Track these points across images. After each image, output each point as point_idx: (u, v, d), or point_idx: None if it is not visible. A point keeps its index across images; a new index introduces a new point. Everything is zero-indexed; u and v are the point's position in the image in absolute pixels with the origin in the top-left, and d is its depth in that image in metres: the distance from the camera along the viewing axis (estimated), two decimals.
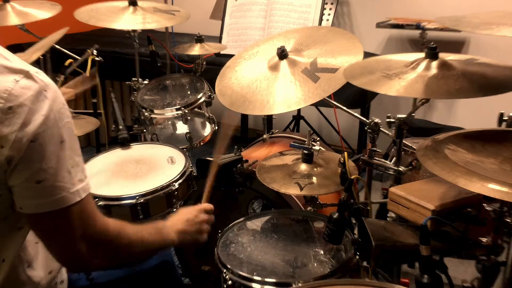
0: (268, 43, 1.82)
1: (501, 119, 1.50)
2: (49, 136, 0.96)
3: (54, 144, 0.97)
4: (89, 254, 1.06)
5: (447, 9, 3.22)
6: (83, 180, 1.04)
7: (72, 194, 1.00)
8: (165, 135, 2.36)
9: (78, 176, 1.02)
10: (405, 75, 1.33)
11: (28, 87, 0.95)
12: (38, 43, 2.12)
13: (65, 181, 0.99)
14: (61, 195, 0.98)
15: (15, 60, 0.99)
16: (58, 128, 0.98)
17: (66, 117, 1.00)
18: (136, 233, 1.17)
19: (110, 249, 1.11)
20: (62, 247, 1.05)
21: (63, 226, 1.02)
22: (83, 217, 1.03)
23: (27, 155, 0.94)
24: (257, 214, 1.73)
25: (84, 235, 1.04)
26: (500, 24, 1.33)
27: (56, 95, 0.99)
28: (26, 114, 0.93)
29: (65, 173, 0.99)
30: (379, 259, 1.19)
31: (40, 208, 0.98)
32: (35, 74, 0.97)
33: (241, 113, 1.64)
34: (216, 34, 2.87)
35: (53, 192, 0.98)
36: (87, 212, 1.04)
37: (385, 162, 1.52)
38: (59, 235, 1.04)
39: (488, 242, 1.29)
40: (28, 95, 0.94)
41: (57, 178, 0.98)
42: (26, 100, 0.94)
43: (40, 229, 1.04)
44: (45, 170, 0.96)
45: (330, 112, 3.49)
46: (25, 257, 1.14)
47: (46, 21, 2.42)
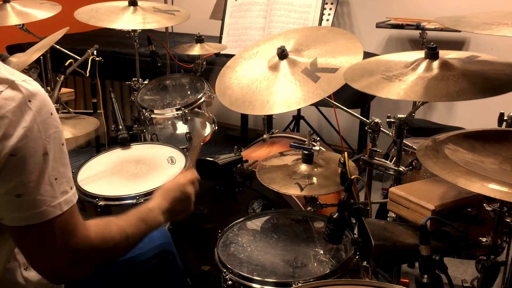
0: (268, 43, 1.82)
1: (501, 119, 1.50)
2: (31, 149, 0.93)
3: (36, 157, 0.94)
4: (70, 266, 1.03)
5: (447, 9, 3.22)
6: (67, 192, 1.01)
7: (53, 207, 0.97)
8: (165, 135, 2.36)
9: (62, 188, 0.99)
10: (405, 77, 1.33)
11: (11, 98, 0.92)
12: (38, 43, 2.12)
13: (46, 195, 0.96)
14: (42, 208, 0.96)
15: (2, 69, 0.96)
16: (41, 140, 0.95)
17: (52, 127, 0.97)
18: (119, 232, 1.13)
19: (94, 257, 1.08)
20: (42, 259, 1.03)
21: (44, 239, 0.99)
22: (65, 230, 1.00)
23: (7, 169, 0.92)
24: (257, 214, 1.73)
25: (65, 248, 1.01)
26: (500, 24, 1.33)
27: (42, 105, 0.96)
28: (6, 126, 0.91)
29: (46, 186, 0.96)
30: (379, 259, 1.19)
31: (20, 221, 0.96)
32: (21, 84, 0.95)
33: (241, 113, 1.64)
34: (216, 34, 2.87)
35: (33, 205, 0.95)
36: (68, 224, 1.01)
37: (385, 162, 1.52)
38: (40, 248, 1.01)
39: (488, 242, 1.29)
40: (10, 106, 0.91)
41: (38, 192, 0.95)
42: (8, 112, 0.91)
43: (21, 242, 1.02)
44: (25, 184, 0.94)
45: (330, 112, 3.49)
46: (21, 260, 1.13)
47: (46, 21, 2.42)
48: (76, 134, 2.27)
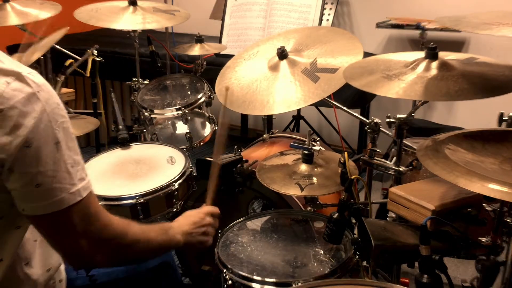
0: (268, 43, 1.82)
1: (501, 119, 1.50)
2: (43, 139, 0.95)
3: (49, 146, 0.96)
4: (92, 251, 1.06)
5: (447, 9, 3.22)
6: (84, 178, 1.03)
7: (72, 194, 0.99)
8: (165, 135, 2.36)
9: (79, 175, 1.02)
10: (404, 76, 1.33)
11: (19, 89, 0.94)
12: (38, 43, 2.12)
13: (64, 182, 0.98)
14: (61, 196, 0.98)
15: (7, 62, 0.98)
16: (52, 129, 0.97)
17: (60, 117, 0.99)
18: (141, 232, 1.16)
19: (113, 246, 1.10)
20: (66, 245, 1.05)
21: (66, 226, 1.02)
22: (85, 216, 1.03)
23: (23, 160, 0.94)
24: (257, 214, 1.73)
25: (87, 233, 1.04)
26: (500, 24, 1.33)
27: (49, 96, 0.98)
28: (16, 117, 0.92)
29: (64, 173, 0.98)
30: (379, 259, 1.19)
31: (41, 210, 0.98)
32: (27, 76, 0.96)
33: (241, 113, 1.65)
34: (216, 34, 2.88)
35: (53, 194, 0.97)
36: (89, 210, 1.04)
37: (385, 162, 1.52)
38: (62, 234, 1.04)
39: (488, 242, 1.29)
40: (19, 97, 0.93)
41: (56, 180, 0.97)
42: (17, 103, 0.93)
43: (43, 229, 1.04)
44: (42, 173, 0.96)
45: (330, 112, 3.49)
46: (23, 255, 1.14)
47: (46, 21, 2.42)
48: (76, 134, 2.27)
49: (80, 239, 1.04)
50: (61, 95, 2.37)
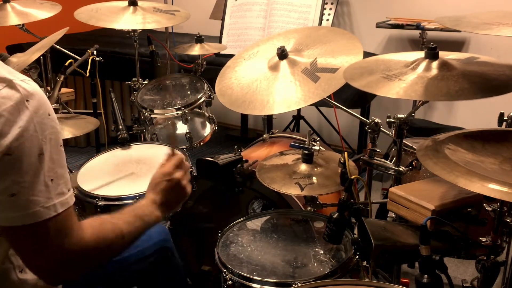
0: (268, 43, 1.82)
1: (501, 119, 1.50)
2: (26, 149, 0.93)
3: (32, 157, 0.94)
4: (63, 268, 1.03)
5: (447, 9, 3.22)
6: (64, 193, 1.00)
7: (47, 208, 0.96)
8: (165, 135, 2.36)
9: (58, 190, 0.99)
10: (405, 76, 1.33)
11: (9, 97, 0.92)
12: (38, 43, 2.12)
13: (40, 195, 0.96)
14: (35, 209, 0.95)
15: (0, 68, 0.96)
16: (37, 140, 0.94)
17: (49, 128, 0.97)
18: (114, 230, 1.11)
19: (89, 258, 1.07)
20: (36, 260, 1.02)
21: (37, 240, 0.99)
22: (59, 231, 1.00)
23: (1, 168, 0.92)
24: (257, 214, 1.73)
25: (60, 249, 1.01)
26: (500, 24, 1.33)
27: (39, 104, 0.96)
28: (2, 125, 0.91)
29: (41, 187, 0.96)
30: (379, 259, 1.19)
31: (14, 221, 0.96)
32: (19, 83, 0.94)
33: (241, 113, 1.64)
34: (216, 34, 2.88)
35: (27, 206, 0.95)
36: (63, 226, 1.00)
37: (385, 162, 1.52)
38: (34, 249, 1.00)
39: (488, 242, 1.29)
40: (7, 105, 0.91)
41: (32, 192, 0.95)
42: (4, 111, 0.91)
43: (15, 242, 1.01)
44: (19, 183, 0.93)
45: (330, 112, 3.49)
46: (16, 262, 1.12)
47: (46, 21, 2.42)
48: (76, 134, 2.28)
49: (52, 254, 1.00)
50: (61, 95, 2.36)
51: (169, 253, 1.51)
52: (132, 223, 1.16)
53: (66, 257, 1.02)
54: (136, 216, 1.19)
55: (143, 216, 1.20)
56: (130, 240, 1.16)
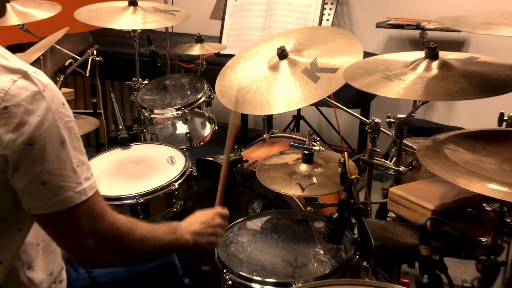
0: (268, 43, 1.82)
1: (501, 119, 1.50)
2: (48, 137, 0.95)
3: (55, 145, 0.96)
4: (98, 251, 1.05)
5: (447, 9, 3.22)
6: (89, 178, 1.03)
7: (78, 193, 0.99)
8: (165, 135, 2.36)
9: (84, 175, 1.02)
10: (405, 76, 1.33)
11: (25, 87, 0.94)
12: (38, 43, 2.12)
13: (70, 181, 0.98)
14: (67, 195, 0.98)
15: (14, 60, 0.99)
16: (57, 128, 0.97)
17: (66, 116, 0.99)
18: (149, 230, 1.15)
19: (120, 245, 1.09)
20: (72, 244, 1.05)
21: (72, 225, 1.02)
22: (92, 215, 1.03)
23: (27, 159, 0.94)
24: (257, 214, 1.73)
25: (93, 232, 1.03)
26: (500, 24, 1.33)
27: (54, 95, 0.98)
28: (22, 114, 0.93)
29: (70, 172, 0.98)
30: (379, 259, 1.19)
31: (48, 209, 0.98)
32: (33, 75, 0.97)
33: (241, 113, 1.64)
34: (216, 34, 2.87)
35: (59, 192, 0.97)
36: (95, 209, 1.03)
37: (385, 162, 1.52)
38: (69, 234, 1.03)
39: (488, 242, 1.29)
40: (25, 95, 0.93)
41: (62, 178, 0.97)
42: (23, 101, 0.93)
43: (50, 229, 1.04)
44: (48, 171, 0.96)
45: (330, 112, 3.49)
46: (25, 259, 1.14)
47: (46, 21, 2.42)
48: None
49: (87, 238, 1.03)
50: None
51: (172, 267, 1.52)
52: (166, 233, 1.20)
53: (99, 240, 1.04)
54: (171, 228, 1.23)
55: (176, 232, 1.24)
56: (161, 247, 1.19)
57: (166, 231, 1.21)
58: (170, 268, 1.51)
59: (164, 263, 1.48)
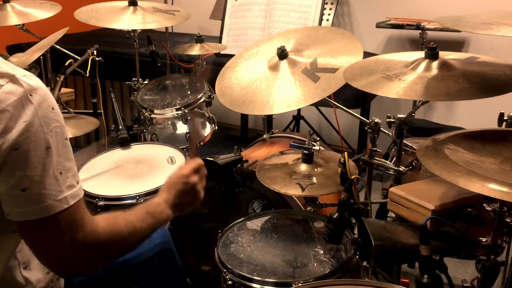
0: (268, 43, 1.82)
1: (501, 119, 1.50)
2: (33, 143, 0.93)
3: (39, 151, 0.94)
4: (77, 260, 1.04)
5: (447, 9, 3.22)
6: (73, 186, 1.01)
7: (58, 201, 0.97)
8: (165, 135, 2.36)
9: (68, 182, 0.99)
10: (405, 76, 1.33)
11: (12, 92, 0.92)
12: (38, 43, 2.12)
13: (51, 189, 0.96)
14: (47, 203, 0.96)
15: (2, 64, 0.97)
16: (43, 134, 0.95)
17: (54, 121, 0.97)
18: (127, 225, 1.13)
19: (102, 252, 1.08)
20: (50, 254, 1.02)
21: (50, 234, 0.99)
22: (72, 224, 1.01)
23: (10, 163, 0.92)
24: (257, 214, 1.73)
25: (73, 241, 1.01)
26: (500, 24, 1.33)
27: (43, 99, 0.96)
28: (7, 120, 0.91)
29: (51, 180, 0.96)
30: (379, 259, 1.19)
31: (26, 216, 0.96)
32: (21, 78, 0.95)
33: (241, 113, 1.64)
34: (216, 34, 2.87)
35: (39, 200, 0.95)
36: (76, 218, 1.01)
37: (385, 162, 1.52)
38: (47, 242, 1.01)
39: (488, 242, 1.29)
40: (11, 100, 0.92)
41: (43, 186, 0.95)
42: (9, 106, 0.91)
43: (27, 236, 1.02)
44: (29, 177, 0.94)
45: (330, 112, 3.49)
46: (21, 259, 1.13)
47: (46, 21, 2.42)
48: (76, 134, 2.28)
49: (66, 248, 1.01)
50: (61, 95, 2.36)
51: (170, 255, 1.51)
52: (145, 220, 1.18)
53: (79, 249, 1.02)
54: (148, 213, 1.20)
55: (154, 214, 1.21)
56: (142, 236, 1.17)
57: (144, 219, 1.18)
58: (168, 254, 1.50)
59: (162, 250, 1.47)
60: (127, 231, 1.12)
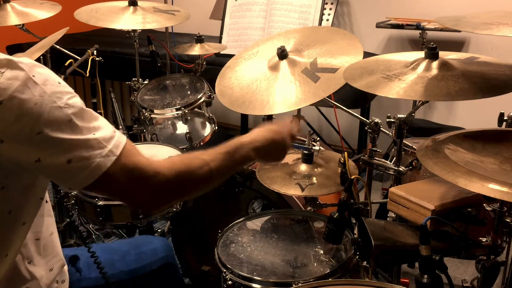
0: (268, 43, 1.82)
1: (501, 119, 1.50)
2: (52, 121, 0.93)
3: (62, 125, 0.94)
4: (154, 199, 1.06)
5: (447, 9, 3.22)
6: (112, 137, 1.01)
7: (105, 157, 0.97)
8: (165, 135, 2.36)
9: (107, 135, 1.00)
10: (405, 76, 1.33)
11: (14, 77, 0.91)
12: (38, 43, 2.12)
13: (93, 148, 0.96)
14: (95, 162, 0.96)
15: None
16: (59, 109, 0.94)
17: (65, 94, 0.97)
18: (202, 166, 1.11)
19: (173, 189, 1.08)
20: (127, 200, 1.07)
21: (115, 186, 1.01)
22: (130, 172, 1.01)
23: (43, 147, 0.93)
24: (257, 214, 1.73)
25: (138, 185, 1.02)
26: (500, 24, 1.34)
27: (46, 76, 0.96)
28: (18, 106, 0.90)
29: (89, 142, 0.97)
30: (379, 259, 1.19)
31: (85, 181, 0.97)
32: (18, 61, 0.94)
33: (241, 113, 1.64)
34: (216, 34, 2.87)
35: (87, 163, 0.95)
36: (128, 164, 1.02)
37: (385, 162, 1.52)
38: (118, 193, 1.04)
39: (488, 242, 1.29)
40: (16, 85, 0.90)
41: (85, 149, 0.95)
42: (15, 92, 0.90)
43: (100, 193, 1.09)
44: (67, 150, 0.94)
45: (330, 112, 3.49)
46: (25, 254, 1.14)
47: (46, 21, 2.42)
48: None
49: (138, 194, 1.03)
50: None
51: (173, 269, 1.51)
52: (223, 160, 1.15)
53: (147, 191, 1.03)
54: (228, 154, 1.17)
55: (235, 155, 1.18)
56: (218, 175, 1.15)
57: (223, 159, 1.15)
58: (171, 269, 1.50)
59: (165, 264, 1.48)
60: (200, 172, 1.11)
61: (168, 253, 1.52)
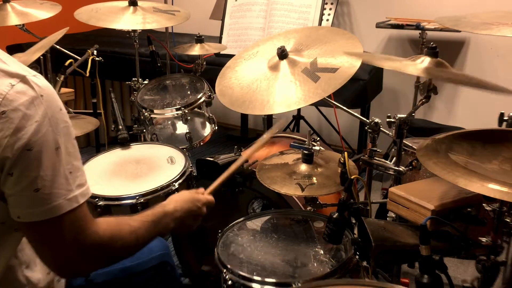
0: (268, 43, 1.82)
1: (501, 119, 1.50)
2: (44, 143, 0.95)
3: (50, 151, 0.96)
4: (80, 260, 1.04)
5: (447, 9, 3.22)
6: (83, 185, 1.02)
7: (69, 200, 0.98)
8: (165, 135, 2.36)
9: (77, 181, 1.01)
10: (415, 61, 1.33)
11: (23, 92, 0.94)
12: (38, 43, 2.12)
13: (62, 188, 0.97)
14: (58, 202, 0.97)
15: (13, 64, 0.98)
16: (53, 134, 0.96)
17: (62, 122, 0.99)
18: (131, 233, 1.14)
19: (101, 254, 1.08)
20: (53, 253, 1.03)
21: (57, 233, 1.00)
22: (77, 223, 1.02)
23: (24, 163, 0.94)
24: (257, 214, 1.73)
25: (75, 242, 1.02)
26: (500, 24, 1.34)
27: (51, 100, 0.98)
28: (19, 119, 0.92)
29: (61, 179, 0.98)
30: (379, 259, 1.19)
31: (38, 216, 0.97)
32: (32, 79, 0.96)
33: (241, 113, 1.65)
34: (216, 34, 2.88)
35: (51, 199, 0.96)
36: (80, 218, 1.02)
37: (385, 162, 1.52)
38: (51, 242, 1.02)
39: (488, 242, 1.29)
40: (22, 100, 0.93)
41: (54, 185, 0.97)
42: (21, 105, 0.93)
43: (34, 236, 1.03)
44: (42, 178, 0.95)
45: (330, 112, 3.49)
46: (23, 258, 1.14)
47: (46, 21, 2.43)
48: (76, 134, 2.27)
49: (68, 247, 1.02)
50: (61, 95, 2.36)
51: (169, 267, 1.51)
52: (148, 229, 1.19)
53: (79, 249, 1.03)
54: (154, 223, 1.22)
55: (159, 225, 1.23)
56: (143, 243, 1.18)
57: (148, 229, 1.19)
58: (167, 268, 1.50)
59: (161, 263, 1.48)
60: (128, 238, 1.13)
61: (164, 251, 1.51)
